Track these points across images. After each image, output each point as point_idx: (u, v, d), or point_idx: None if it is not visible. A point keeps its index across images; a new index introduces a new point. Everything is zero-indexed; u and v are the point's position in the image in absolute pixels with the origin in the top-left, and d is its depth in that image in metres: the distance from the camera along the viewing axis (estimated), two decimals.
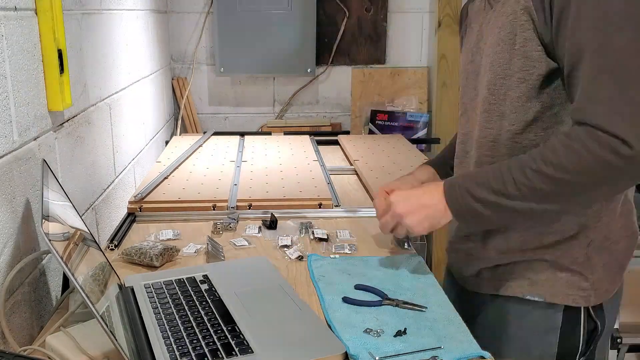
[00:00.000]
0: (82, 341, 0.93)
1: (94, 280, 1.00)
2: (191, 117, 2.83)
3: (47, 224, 0.95)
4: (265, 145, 2.23)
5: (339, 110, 2.92)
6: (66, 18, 1.33)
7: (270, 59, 2.73)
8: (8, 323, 1.02)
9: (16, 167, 1.10)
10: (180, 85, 2.80)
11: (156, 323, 1.00)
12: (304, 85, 2.87)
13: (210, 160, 2.00)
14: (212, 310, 1.04)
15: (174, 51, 2.81)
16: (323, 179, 1.79)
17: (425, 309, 1.08)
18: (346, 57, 2.85)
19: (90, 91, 1.55)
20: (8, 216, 1.05)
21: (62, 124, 1.34)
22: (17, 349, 0.98)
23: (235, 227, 1.48)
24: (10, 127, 1.07)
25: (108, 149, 1.71)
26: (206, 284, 1.15)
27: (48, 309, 1.21)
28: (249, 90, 2.88)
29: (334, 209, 1.60)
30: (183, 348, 0.92)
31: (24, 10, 1.15)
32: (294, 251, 1.33)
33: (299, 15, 2.69)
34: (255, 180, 1.77)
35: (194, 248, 1.35)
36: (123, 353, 0.85)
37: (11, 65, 1.08)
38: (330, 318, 1.05)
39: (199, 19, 2.78)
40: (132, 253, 1.28)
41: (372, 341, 0.97)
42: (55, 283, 1.26)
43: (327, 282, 1.18)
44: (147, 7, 2.29)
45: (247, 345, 0.93)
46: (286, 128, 2.80)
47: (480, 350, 0.95)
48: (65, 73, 1.29)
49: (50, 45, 1.22)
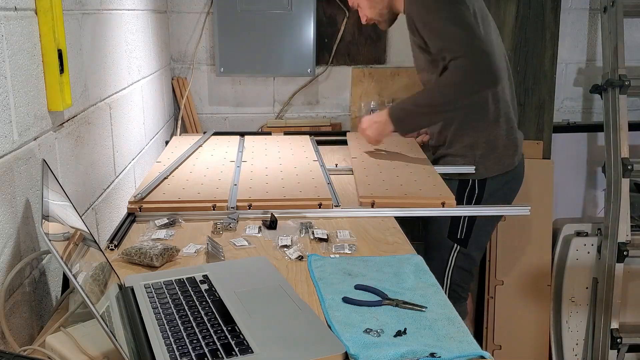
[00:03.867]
0: (82, 341, 0.93)
1: (94, 280, 1.00)
2: (191, 117, 2.82)
3: (47, 224, 0.95)
4: (265, 145, 2.23)
5: (339, 110, 2.92)
6: (66, 18, 1.33)
7: (270, 59, 2.73)
8: (8, 323, 1.02)
9: (16, 167, 1.10)
10: (180, 85, 2.80)
11: (156, 323, 1.00)
12: (304, 85, 2.87)
13: (210, 160, 2.00)
14: (212, 310, 1.04)
15: (174, 51, 2.81)
16: (323, 179, 1.79)
17: (425, 309, 1.08)
18: (346, 57, 2.85)
19: (90, 91, 1.55)
20: (8, 216, 1.05)
21: (62, 124, 1.34)
22: (17, 349, 0.98)
23: (235, 227, 1.48)
24: (10, 127, 1.07)
25: (108, 149, 1.71)
26: (206, 284, 1.15)
27: (48, 309, 1.21)
28: (249, 90, 2.87)
29: (334, 209, 1.60)
30: (183, 348, 0.92)
31: (24, 10, 1.15)
32: (294, 251, 1.33)
33: (299, 15, 2.68)
34: (255, 180, 1.77)
35: (194, 248, 1.35)
36: (123, 353, 0.85)
37: (11, 65, 1.08)
38: (330, 318, 1.05)
39: (199, 19, 2.78)
40: (132, 253, 1.28)
41: (372, 341, 0.97)
42: (55, 283, 1.26)
43: (327, 282, 1.19)
44: (147, 7, 2.29)
45: (247, 345, 0.93)
46: (286, 128, 2.80)
47: (480, 350, 0.95)
48: (65, 73, 1.29)
49: (50, 45, 1.22)
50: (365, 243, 1.40)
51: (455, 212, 2.02)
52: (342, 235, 1.44)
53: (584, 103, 2.97)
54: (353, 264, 1.27)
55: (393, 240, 1.42)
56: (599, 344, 2.59)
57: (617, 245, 2.50)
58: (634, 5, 2.58)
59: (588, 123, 2.96)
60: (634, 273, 2.73)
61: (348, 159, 2.08)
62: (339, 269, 1.24)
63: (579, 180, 2.93)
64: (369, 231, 1.48)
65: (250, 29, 2.69)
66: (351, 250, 1.35)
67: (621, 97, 2.52)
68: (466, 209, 1.99)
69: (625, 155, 2.50)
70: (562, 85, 2.91)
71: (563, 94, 2.94)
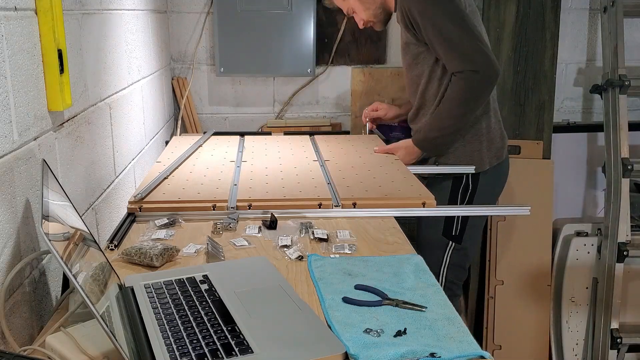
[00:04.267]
0: (82, 341, 0.92)
1: (94, 280, 1.00)
2: (191, 117, 2.82)
3: (47, 224, 0.95)
4: (265, 145, 2.23)
5: (339, 110, 2.92)
6: (66, 18, 1.33)
7: (270, 59, 2.73)
8: (8, 323, 1.02)
9: (16, 167, 1.10)
10: (180, 85, 2.80)
11: (156, 323, 1.00)
12: (303, 85, 2.87)
13: (210, 160, 2.00)
14: (212, 310, 1.04)
15: (174, 51, 2.81)
16: (323, 179, 1.79)
17: (425, 309, 1.08)
18: (346, 57, 2.85)
19: (90, 91, 1.55)
20: (8, 216, 1.05)
21: (62, 124, 1.34)
22: (17, 349, 0.98)
23: (235, 227, 1.48)
24: (10, 127, 1.07)
25: (108, 149, 1.71)
26: (206, 284, 1.15)
27: (48, 309, 1.21)
28: (249, 90, 2.87)
29: (334, 209, 1.59)
30: (183, 348, 0.92)
31: (24, 10, 1.15)
32: (294, 251, 1.33)
33: (299, 16, 2.68)
34: (255, 180, 1.77)
35: (194, 248, 1.35)
36: (123, 353, 0.85)
37: (11, 65, 1.08)
38: (330, 318, 1.05)
39: (199, 19, 2.78)
40: (132, 253, 1.28)
41: (372, 341, 0.97)
42: (55, 283, 1.26)
43: (327, 282, 1.19)
44: (147, 7, 2.29)
45: (247, 345, 0.93)
46: (286, 128, 2.80)
47: (480, 350, 0.95)
48: (65, 73, 1.29)
49: (50, 45, 1.22)
50: (365, 243, 1.40)
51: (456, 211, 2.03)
52: (342, 235, 1.44)
53: (584, 103, 2.97)
54: (353, 264, 1.27)
55: (393, 240, 1.42)
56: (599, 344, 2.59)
57: (617, 245, 2.50)
58: (634, 5, 2.58)
59: (588, 123, 2.96)
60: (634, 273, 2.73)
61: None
62: (339, 269, 1.24)
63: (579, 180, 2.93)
64: (369, 231, 1.48)
65: (250, 29, 2.69)
66: (351, 250, 1.35)
67: (621, 97, 2.52)
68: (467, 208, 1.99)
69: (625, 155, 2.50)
70: (562, 85, 2.91)
71: (563, 94, 2.94)
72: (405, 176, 1.82)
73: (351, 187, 1.71)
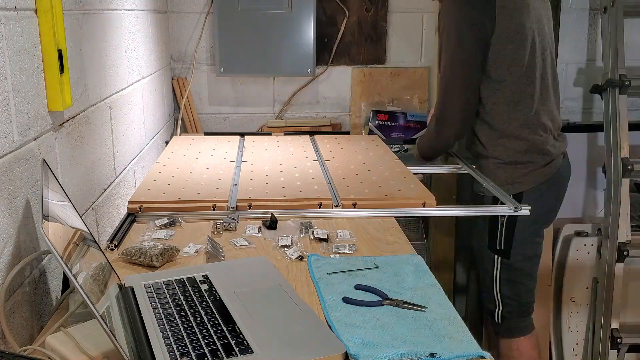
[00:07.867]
0: (82, 341, 0.92)
1: (94, 280, 1.00)
2: (191, 117, 2.82)
3: (47, 224, 0.95)
4: (265, 145, 2.23)
5: (339, 110, 2.92)
6: (66, 18, 1.33)
7: (270, 59, 2.73)
8: (8, 323, 1.02)
9: (16, 167, 1.10)
10: (180, 85, 2.80)
11: (156, 323, 1.00)
12: (304, 85, 2.87)
13: (210, 160, 2.00)
14: (212, 310, 1.04)
15: (174, 51, 2.81)
16: (323, 179, 1.79)
17: (425, 309, 1.08)
18: (346, 57, 2.85)
19: (90, 91, 1.55)
20: (8, 216, 1.05)
21: (62, 124, 1.34)
22: (17, 349, 0.98)
23: (235, 227, 1.48)
24: (10, 127, 1.07)
25: (108, 149, 1.71)
26: (206, 284, 1.15)
27: (48, 309, 1.21)
28: (249, 90, 2.87)
29: (334, 209, 1.60)
30: (183, 348, 0.92)
31: (24, 10, 1.15)
32: (294, 251, 1.33)
33: (299, 15, 2.68)
34: (255, 180, 1.77)
35: (194, 248, 1.35)
36: (123, 353, 0.85)
37: (11, 65, 1.08)
38: (330, 318, 1.05)
39: (199, 19, 2.78)
40: (132, 253, 1.28)
41: (372, 341, 0.97)
42: (55, 283, 1.26)
43: (327, 282, 1.19)
44: (147, 7, 2.29)
45: (247, 345, 0.93)
46: (286, 128, 2.80)
47: (480, 350, 0.95)
48: (65, 73, 1.29)
49: (50, 45, 1.22)
50: (365, 243, 1.40)
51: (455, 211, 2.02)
52: (342, 235, 1.44)
53: (584, 103, 2.97)
54: (353, 264, 1.27)
55: (393, 240, 1.42)
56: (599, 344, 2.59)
57: (617, 245, 2.50)
58: (634, 5, 2.58)
59: (588, 123, 2.96)
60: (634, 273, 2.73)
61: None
62: (339, 269, 1.24)
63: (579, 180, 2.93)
64: (369, 231, 1.48)
65: (250, 29, 2.69)
66: (351, 250, 1.35)
67: (621, 97, 2.51)
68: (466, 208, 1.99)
69: (625, 155, 2.50)
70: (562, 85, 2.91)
71: (563, 94, 2.93)
72: (405, 176, 1.82)
73: (351, 187, 1.71)
